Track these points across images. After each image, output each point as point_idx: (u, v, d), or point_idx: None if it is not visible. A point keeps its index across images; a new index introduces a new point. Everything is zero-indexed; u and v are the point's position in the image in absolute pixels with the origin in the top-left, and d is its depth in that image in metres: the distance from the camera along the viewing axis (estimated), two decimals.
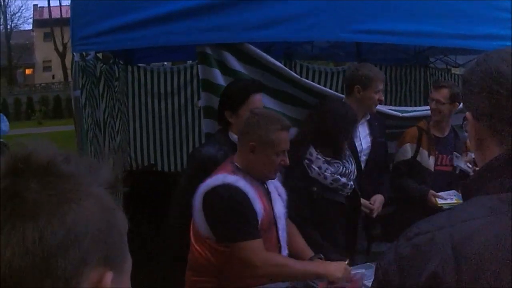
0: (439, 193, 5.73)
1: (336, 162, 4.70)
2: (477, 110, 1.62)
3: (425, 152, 5.78)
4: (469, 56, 11.03)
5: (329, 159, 4.69)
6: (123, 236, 1.17)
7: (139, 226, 7.63)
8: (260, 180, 3.87)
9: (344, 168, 4.70)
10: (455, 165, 5.75)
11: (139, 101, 10.48)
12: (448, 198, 5.68)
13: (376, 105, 5.37)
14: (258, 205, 3.67)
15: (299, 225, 4.34)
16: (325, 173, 4.63)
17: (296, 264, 3.80)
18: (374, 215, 5.47)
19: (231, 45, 5.14)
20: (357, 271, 3.96)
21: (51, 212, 1.00)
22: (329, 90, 6.23)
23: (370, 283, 3.81)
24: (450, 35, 5.76)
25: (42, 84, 55.95)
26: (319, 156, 4.67)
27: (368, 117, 5.46)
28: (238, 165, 3.80)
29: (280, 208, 3.92)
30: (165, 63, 13.40)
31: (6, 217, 0.98)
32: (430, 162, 5.80)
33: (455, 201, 5.63)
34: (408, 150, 5.81)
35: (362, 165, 5.35)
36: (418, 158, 5.80)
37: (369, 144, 5.45)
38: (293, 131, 5.01)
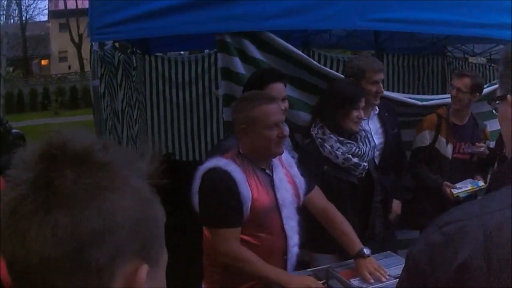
0: (455, 185, 5.70)
1: (350, 143, 4.66)
2: None
3: (444, 140, 5.74)
4: (487, 45, 11.05)
5: (342, 139, 4.66)
6: (160, 228, 1.15)
7: None
8: (266, 161, 3.83)
9: (357, 149, 4.65)
10: (469, 152, 5.73)
11: (156, 90, 10.49)
12: (463, 187, 5.65)
13: (377, 98, 5.20)
14: (247, 191, 3.59)
15: None
16: (337, 152, 4.59)
17: (259, 265, 3.62)
18: (393, 219, 5.54)
19: (251, 33, 5.16)
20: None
21: (86, 201, 0.99)
22: None
23: (391, 271, 3.82)
24: (466, 24, 5.74)
25: (58, 75, 55.95)
26: (332, 136, 4.64)
27: (377, 110, 5.35)
28: (240, 151, 3.77)
29: (285, 195, 3.81)
30: (182, 52, 13.38)
31: (38, 205, 0.97)
32: (448, 149, 5.76)
33: (470, 188, 5.62)
34: (426, 137, 5.78)
35: (376, 161, 5.26)
36: (436, 145, 5.77)
37: (382, 140, 5.36)
38: (308, 117, 5.03)
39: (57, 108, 38.06)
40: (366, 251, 3.91)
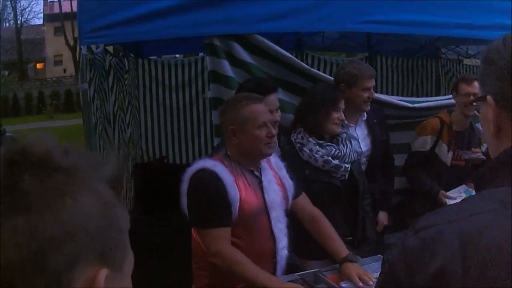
0: (449, 192, 5.72)
1: (329, 145, 4.66)
2: (501, 96, 1.51)
3: (445, 146, 5.74)
4: (480, 47, 11.04)
5: (321, 142, 4.65)
6: (123, 233, 1.13)
7: (150, 218, 7.64)
8: (255, 162, 3.83)
9: (337, 151, 4.65)
10: (466, 158, 5.72)
11: (150, 93, 10.50)
12: (457, 197, 5.65)
13: (367, 104, 5.16)
14: (234, 191, 3.59)
15: None
16: (315, 155, 4.59)
17: (248, 268, 3.58)
18: (379, 230, 5.51)
19: (240, 35, 5.14)
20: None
21: (45, 206, 0.97)
22: None
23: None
24: (458, 25, 5.74)
25: (53, 78, 56.03)
26: (310, 139, 4.63)
27: (365, 117, 5.31)
28: (228, 153, 3.77)
29: (274, 197, 3.81)
30: (177, 55, 13.40)
31: (0, 211, 0.96)
32: (448, 156, 5.77)
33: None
34: (427, 142, 5.77)
35: (363, 168, 5.22)
36: (436, 150, 5.77)
37: (369, 146, 5.32)
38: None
39: (52, 112, 38.15)
40: (353, 256, 3.92)
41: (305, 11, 5.27)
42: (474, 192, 5.51)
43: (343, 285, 3.76)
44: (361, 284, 3.74)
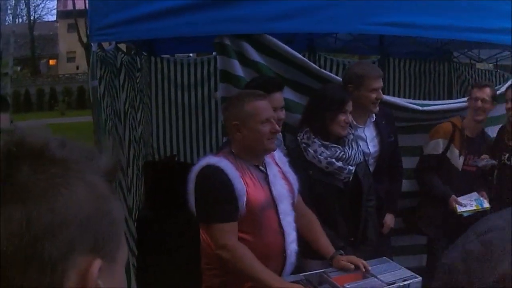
0: (460, 198, 5.72)
1: (334, 147, 4.64)
2: None
3: (456, 151, 5.75)
4: (492, 51, 11.02)
5: (326, 143, 4.64)
6: (117, 225, 1.15)
7: (160, 216, 7.66)
8: (260, 158, 3.87)
9: (342, 152, 4.63)
10: (478, 166, 5.73)
11: (162, 92, 10.55)
12: (467, 205, 5.69)
13: (375, 105, 5.15)
14: (241, 185, 3.63)
15: None
16: (320, 157, 4.58)
17: (253, 265, 3.60)
18: (385, 232, 5.50)
19: (250, 35, 5.15)
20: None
21: (39, 196, 1.00)
22: None
23: (385, 278, 3.80)
24: (468, 28, 5.70)
25: (66, 75, 56.05)
26: (316, 140, 4.63)
27: (374, 118, 5.30)
28: (233, 150, 3.81)
29: (281, 191, 3.86)
30: (191, 54, 13.43)
31: None
32: (459, 161, 5.77)
33: (475, 208, 5.66)
34: (440, 145, 5.78)
35: (371, 169, 5.22)
36: (447, 154, 5.78)
37: (377, 148, 5.31)
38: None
39: (64, 108, 38.19)
40: (341, 251, 4.05)
41: (313, 12, 5.24)
42: (485, 201, 5.55)
43: (347, 286, 3.76)
44: (352, 267, 3.86)
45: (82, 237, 1.04)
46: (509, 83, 6.09)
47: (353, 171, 4.72)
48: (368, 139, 5.26)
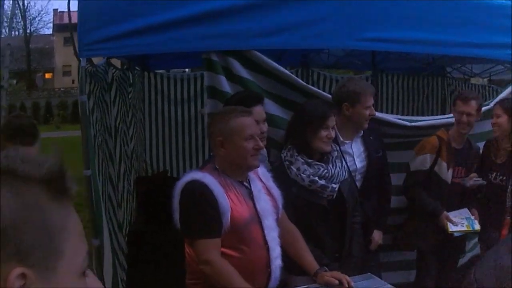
0: (451, 213, 5.71)
1: (318, 164, 4.62)
2: None
3: (444, 164, 5.71)
4: (485, 66, 11.03)
5: (310, 161, 4.62)
6: (50, 233, 1.15)
7: (151, 230, 7.65)
8: (243, 174, 3.88)
9: (325, 171, 4.60)
10: (467, 186, 5.73)
11: (155, 107, 10.55)
12: (459, 224, 5.69)
13: (367, 121, 5.17)
14: (225, 201, 3.63)
15: None
16: (302, 175, 4.56)
17: (236, 281, 3.60)
18: (373, 248, 5.49)
19: (237, 51, 5.14)
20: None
21: None
22: None
23: None
24: (461, 44, 5.72)
25: (62, 89, 56.15)
26: (299, 158, 4.61)
27: (361, 133, 5.29)
28: (216, 166, 3.81)
29: (265, 206, 3.86)
30: (186, 70, 13.44)
31: None
32: (448, 174, 5.73)
33: (466, 228, 5.67)
34: (427, 161, 5.73)
35: (358, 185, 5.22)
36: (436, 169, 5.74)
37: (364, 163, 5.29)
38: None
39: (59, 122, 38.20)
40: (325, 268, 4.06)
41: (302, 28, 5.22)
42: (476, 223, 5.53)
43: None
44: (337, 282, 3.87)
45: (4, 244, 1.05)
46: (497, 99, 6.10)
47: (336, 189, 4.67)
48: (355, 155, 5.25)
